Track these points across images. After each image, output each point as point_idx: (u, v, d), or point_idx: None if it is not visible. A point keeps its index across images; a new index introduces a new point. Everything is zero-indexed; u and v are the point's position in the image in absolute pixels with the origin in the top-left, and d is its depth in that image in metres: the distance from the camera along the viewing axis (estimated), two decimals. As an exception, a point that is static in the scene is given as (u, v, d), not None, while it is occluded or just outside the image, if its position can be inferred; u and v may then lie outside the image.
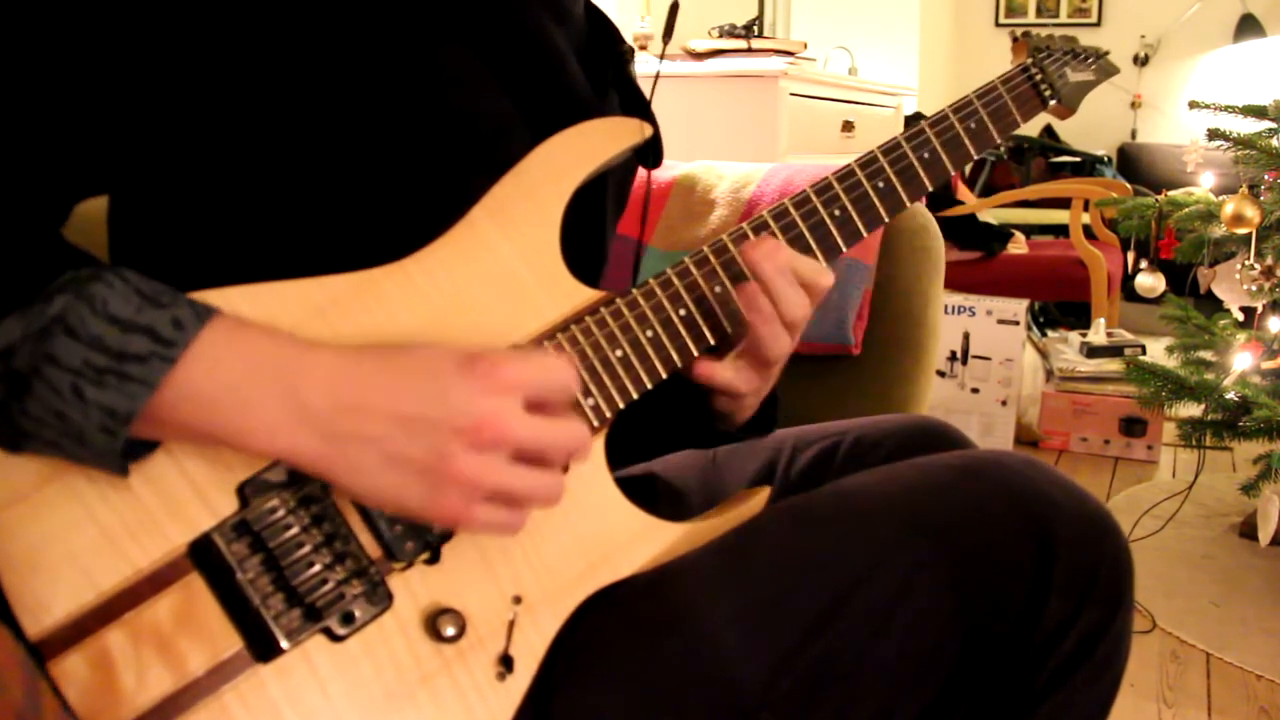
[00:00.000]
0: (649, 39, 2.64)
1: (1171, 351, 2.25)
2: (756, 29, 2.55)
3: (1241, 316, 2.13)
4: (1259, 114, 1.95)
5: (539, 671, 0.64)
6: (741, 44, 2.43)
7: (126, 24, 0.59)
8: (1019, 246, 3.42)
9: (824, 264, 0.73)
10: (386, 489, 0.56)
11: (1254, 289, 1.92)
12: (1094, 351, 2.83)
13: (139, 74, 0.60)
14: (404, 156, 0.66)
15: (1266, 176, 1.96)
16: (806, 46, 2.61)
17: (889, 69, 4.04)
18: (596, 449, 0.68)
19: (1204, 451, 2.06)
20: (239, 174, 0.64)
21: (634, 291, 0.69)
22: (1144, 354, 2.71)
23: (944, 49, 4.99)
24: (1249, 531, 2.13)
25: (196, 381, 0.53)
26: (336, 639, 0.59)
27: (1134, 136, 4.96)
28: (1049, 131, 4.57)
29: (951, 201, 3.51)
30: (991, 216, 3.80)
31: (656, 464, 0.93)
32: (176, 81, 0.61)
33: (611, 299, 0.69)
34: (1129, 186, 3.45)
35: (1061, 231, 3.92)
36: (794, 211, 0.73)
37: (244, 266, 0.63)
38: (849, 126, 2.72)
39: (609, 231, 0.84)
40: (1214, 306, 2.23)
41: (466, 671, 0.61)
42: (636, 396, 0.69)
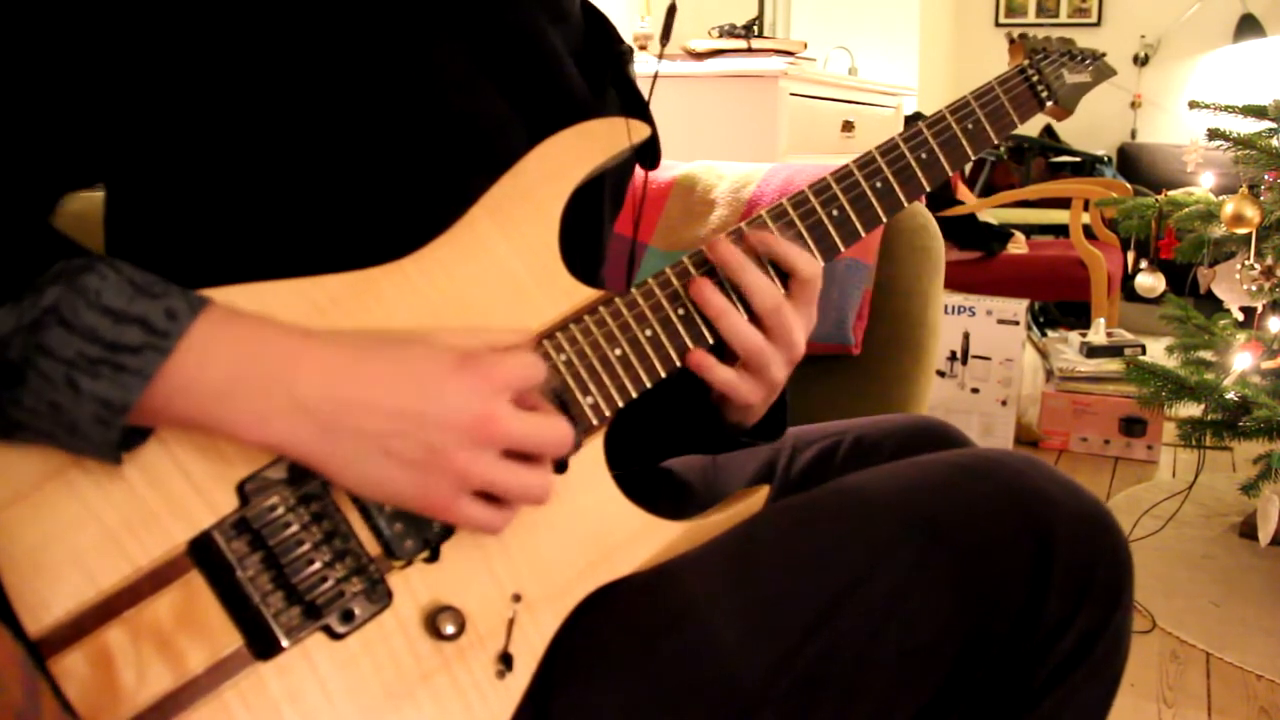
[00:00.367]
0: (649, 39, 2.64)
1: (1171, 351, 2.25)
2: (756, 29, 2.55)
3: (1241, 316, 2.13)
4: (1259, 114, 1.95)
5: (539, 670, 0.64)
6: (741, 44, 2.43)
7: (125, 21, 0.59)
8: (1019, 246, 3.42)
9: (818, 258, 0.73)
10: (380, 482, 0.57)
11: (1254, 289, 1.92)
12: (1094, 351, 2.83)
13: (137, 71, 0.60)
14: (402, 157, 0.66)
15: (1266, 176, 1.96)
16: (806, 46, 2.61)
17: (889, 69, 4.03)
18: (596, 448, 0.68)
19: (1204, 451, 2.06)
20: (236, 173, 0.64)
21: (633, 291, 0.70)
22: (1144, 354, 2.71)
23: (944, 49, 4.99)
24: (1249, 531, 2.13)
25: (190, 371, 0.53)
26: (336, 637, 0.59)
27: (1134, 136, 4.96)
28: (1049, 131, 4.57)
29: (951, 201, 3.51)
30: (991, 216, 3.80)
31: (656, 463, 0.94)
32: (175, 80, 0.61)
33: (610, 298, 0.69)
34: (1129, 186, 3.45)
35: (1061, 231, 3.92)
36: (792, 211, 0.73)
37: (242, 265, 0.63)
38: (849, 126, 2.72)
39: (606, 231, 0.84)
40: (1214, 306, 2.23)
41: (466, 669, 0.62)
42: (636, 395, 0.69)
